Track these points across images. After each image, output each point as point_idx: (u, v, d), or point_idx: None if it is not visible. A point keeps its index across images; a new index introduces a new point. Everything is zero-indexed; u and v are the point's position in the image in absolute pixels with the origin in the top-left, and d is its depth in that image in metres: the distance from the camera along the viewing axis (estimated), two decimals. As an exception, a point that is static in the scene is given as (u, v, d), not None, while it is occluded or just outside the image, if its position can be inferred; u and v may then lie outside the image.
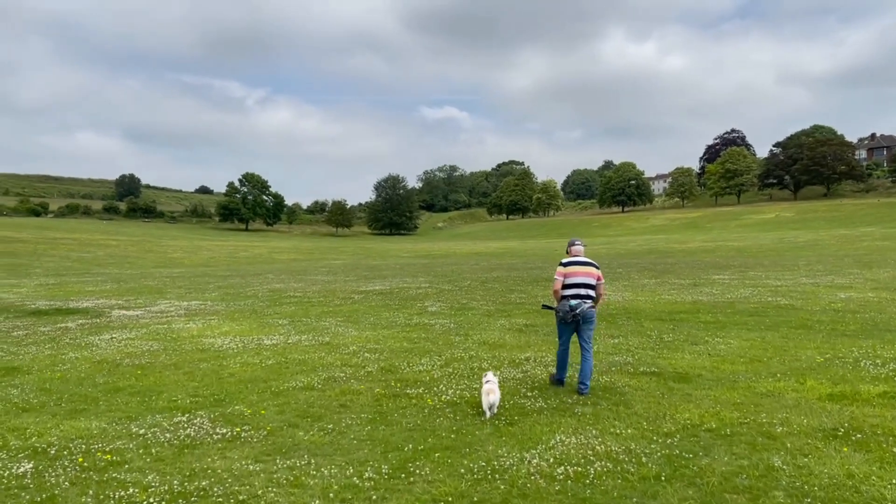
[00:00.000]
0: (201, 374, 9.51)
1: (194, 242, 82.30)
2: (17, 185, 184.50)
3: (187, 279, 31.84)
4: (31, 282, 30.31)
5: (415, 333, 13.16)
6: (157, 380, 9.12)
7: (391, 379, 8.95)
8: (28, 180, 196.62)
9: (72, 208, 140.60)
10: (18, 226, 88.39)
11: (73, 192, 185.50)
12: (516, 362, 9.97)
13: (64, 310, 18.19)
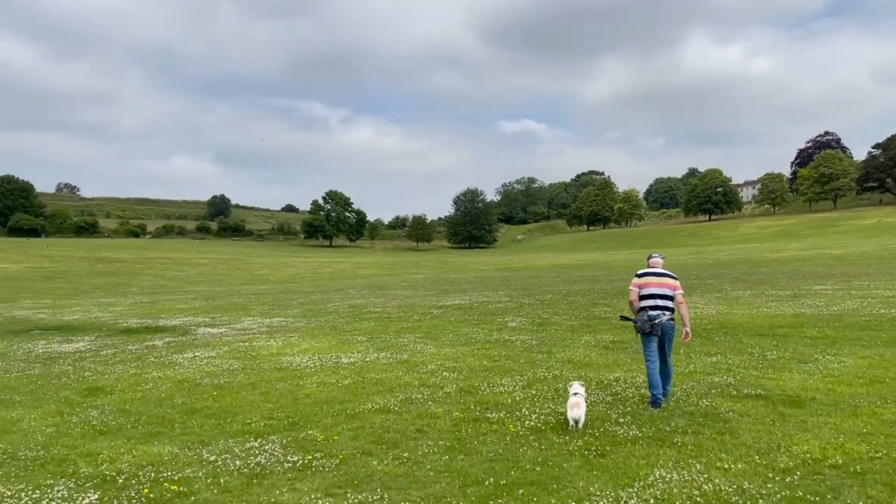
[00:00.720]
0: (277, 394, 9.31)
1: (280, 259, 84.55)
2: (118, 208, 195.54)
3: (272, 296, 32.43)
4: (126, 300, 31.56)
5: (495, 351, 12.65)
6: (234, 400, 8.97)
7: (470, 401, 8.47)
8: (128, 203, 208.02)
9: (167, 229, 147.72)
10: (119, 247, 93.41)
11: (169, 213, 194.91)
12: (605, 383, 9.29)
13: (153, 328, 18.65)
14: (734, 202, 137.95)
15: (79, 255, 71.49)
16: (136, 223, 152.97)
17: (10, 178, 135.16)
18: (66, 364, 12.54)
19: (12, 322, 21.14)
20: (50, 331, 18.52)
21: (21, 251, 73.87)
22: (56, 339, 16.55)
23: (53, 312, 24.73)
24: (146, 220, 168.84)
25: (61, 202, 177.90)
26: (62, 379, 10.96)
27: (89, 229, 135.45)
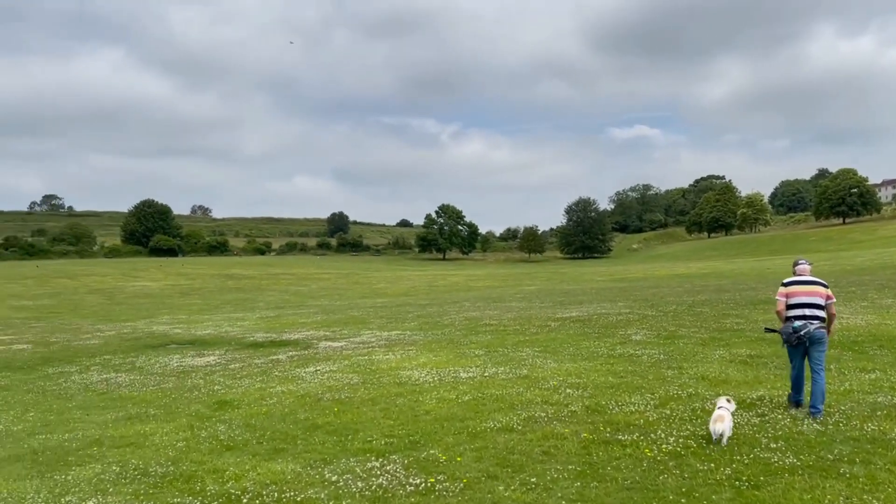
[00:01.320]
0: (397, 410, 9.15)
1: (396, 273, 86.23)
2: (245, 227, 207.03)
3: (389, 309, 32.89)
4: (253, 315, 32.99)
5: (620, 366, 11.97)
6: (355, 417, 8.88)
7: (598, 421, 7.93)
8: (254, 222, 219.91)
9: (290, 246, 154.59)
10: (246, 264, 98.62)
11: (292, 231, 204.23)
12: (748, 403, 8.47)
13: (277, 342, 19.22)
14: (871, 203, 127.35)
15: (211, 273, 76.01)
16: (262, 241, 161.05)
17: (150, 203, 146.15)
18: (198, 378, 13.03)
19: (151, 337, 22.48)
20: (184, 345, 19.50)
21: (160, 270, 79.47)
22: (189, 353, 17.36)
23: (188, 327, 26.14)
24: (271, 237, 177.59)
25: (196, 223, 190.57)
26: (194, 392, 11.35)
27: (220, 248, 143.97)
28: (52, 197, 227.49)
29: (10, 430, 8.82)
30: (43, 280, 63.51)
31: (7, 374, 15.02)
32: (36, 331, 25.83)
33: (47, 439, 8.18)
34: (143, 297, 51.00)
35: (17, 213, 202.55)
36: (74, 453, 7.49)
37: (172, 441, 7.92)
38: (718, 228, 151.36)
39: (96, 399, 11.22)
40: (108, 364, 15.84)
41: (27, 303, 44.10)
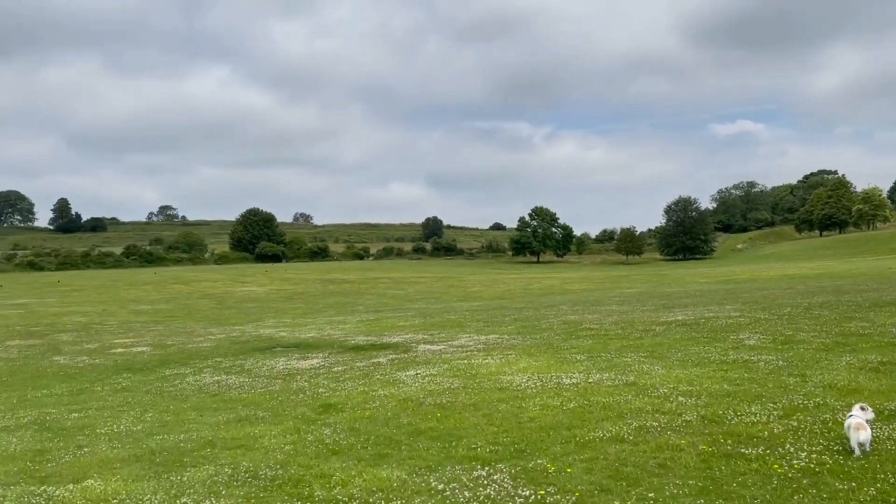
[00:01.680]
0: (500, 416, 8.94)
1: (491, 276, 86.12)
2: (344, 233, 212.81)
3: (485, 312, 32.75)
4: (353, 318, 33.66)
5: (734, 373, 11.28)
6: (457, 422, 8.75)
7: (717, 432, 7.43)
8: (353, 228, 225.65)
9: (387, 251, 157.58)
10: (346, 268, 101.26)
11: (389, 236, 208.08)
12: (885, 414, 7.72)
13: (378, 345, 19.43)
14: None
15: (313, 278, 78.48)
16: (360, 246, 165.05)
17: (256, 211, 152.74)
18: (303, 380, 13.30)
19: (258, 340, 23.29)
20: (289, 348, 20.05)
21: (266, 275, 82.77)
22: (294, 356, 17.81)
23: (292, 330, 26.94)
24: (369, 243, 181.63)
25: (298, 230, 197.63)
26: (299, 395, 11.56)
27: (321, 254, 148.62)
28: (167, 207, 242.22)
29: (130, 430, 9.24)
30: (160, 286, 67.45)
31: (128, 375, 15.88)
32: (154, 334, 27.31)
33: (164, 440, 8.50)
34: (251, 301, 53.17)
35: (137, 224, 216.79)
36: (189, 454, 7.73)
37: (280, 444, 8.04)
38: (831, 226, 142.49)
39: (209, 400, 11.63)
40: (219, 366, 16.47)
41: (146, 307, 46.86)
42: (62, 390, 13.80)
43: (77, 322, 34.64)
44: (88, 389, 13.73)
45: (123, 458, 7.61)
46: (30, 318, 37.10)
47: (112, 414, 10.61)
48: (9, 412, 11.29)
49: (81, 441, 8.64)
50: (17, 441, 8.83)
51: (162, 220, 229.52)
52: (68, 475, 7.05)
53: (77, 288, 66.13)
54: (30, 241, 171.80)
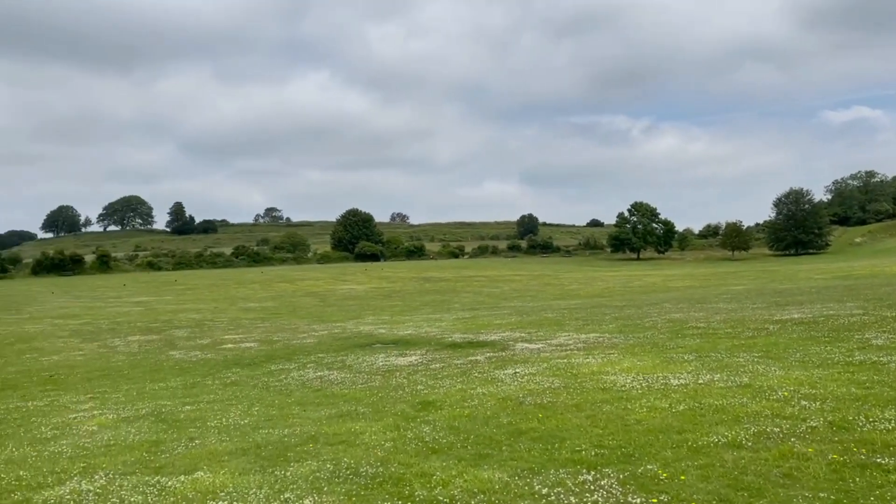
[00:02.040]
0: (605, 418, 8.58)
1: (588, 274, 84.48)
2: (440, 232, 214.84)
3: (584, 310, 32.04)
4: (450, 316, 33.77)
5: (863, 375, 10.38)
6: (559, 423, 8.46)
7: (848, 440, 6.80)
8: (448, 227, 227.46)
9: (482, 249, 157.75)
10: (441, 267, 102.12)
11: (483, 234, 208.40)
12: None
13: (475, 342, 19.32)
14: None
15: (409, 276, 79.61)
16: (455, 245, 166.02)
17: (355, 212, 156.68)
18: (402, 377, 13.34)
19: (358, 336, 23.71)
20: (388, 345, 20.27)
21: (365, 274, 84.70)
22: (393, 352, 17.97)
23: (390, 327, 27.29)
24: (464, 241, 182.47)
25: (395, 230, 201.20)
26: (398, 392, 11.59)
27: (417, 252, 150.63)
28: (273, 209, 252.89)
29: (238, 423, 9.51)
30: (266, 284, 70.31)
31: (237, 370, 16.49)
32: (261, 330, 28.36)
33: (269, 434, 8.67)
34: (351, 299, 54.48)
35: (245, 225, 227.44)
36: (293, 449, 7.84)
37: (381, 441, 8.02)
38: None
39: (312, 395, 11.85)
40: (321, 362, 16.83)
41: (253, 305, 48.89)
42: (177, 383, 14.47)
43: (191, 319, 36.53)
44: (200, 383, 14.33)
45: (231, 451, 7.80)
46: (149, 315, 39.46)
47: (221, 407, 10.98)
48: (129, 403, 11.92)
49: (193, 433, 8.96)
50: (136, 432, 9.28)
51: (268, 222, 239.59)
52: (180, 466, 7.29)
53: (191, 287, 69.94)
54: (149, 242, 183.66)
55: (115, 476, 6.95)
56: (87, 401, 12.52)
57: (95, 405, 11.92)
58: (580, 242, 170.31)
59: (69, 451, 8.26)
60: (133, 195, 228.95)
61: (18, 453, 8.34)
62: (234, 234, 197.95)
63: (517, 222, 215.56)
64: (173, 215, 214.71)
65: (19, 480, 7.00)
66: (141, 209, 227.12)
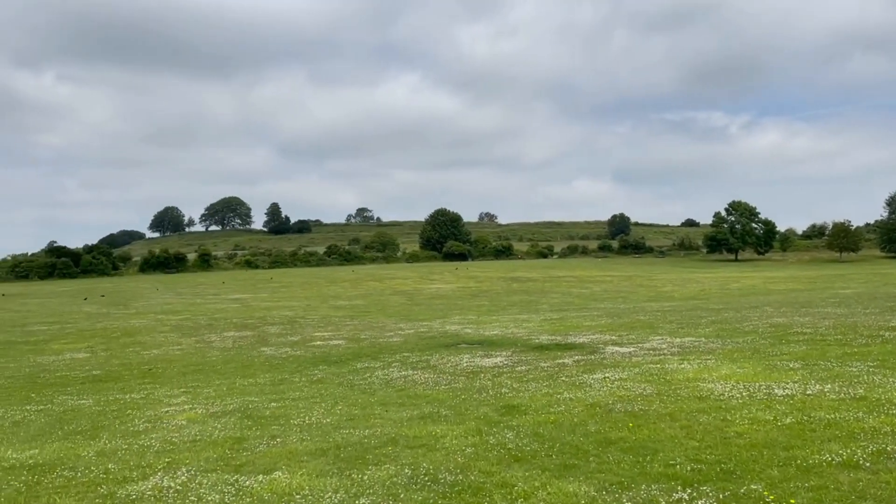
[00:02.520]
0: (701, 429, 7.99)
1: (683, 275, 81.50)
2: (528, 231, 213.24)
3: (678, 313, 30.76)
4: (537, 317, 33.21)
5: None
6: (651, 433, 7.94)
7: None
8: (537, 227, 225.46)
9: (571, 249, 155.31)
10: (529, 267, 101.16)
11: (573, 234, 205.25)
12: None
13: (562, 345, 18.80)
14: None
15: (497, 276, 79.21)
16: (544, 245, 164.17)
17: (443, 211, 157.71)
18: (486, 379, 13.05)
19: (444, 336, 23.60)
20: (473, 345, 20.04)
21: (453, 273, 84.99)
22: (478, 353, 17.71)
23: (477, 328, 27.07)
24: (553, 241, 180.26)
25: (483, 229, 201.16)
26: (482, 394, 11.30)
27: (505, 252, 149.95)
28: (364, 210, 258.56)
29: (320, 422, 9.48)
30: (356, 283, 71.68)
31: (324, 367, 16.67)
32: (349, 328, 28.77)
33: (350, 434, 8.58)
34: (438, 298, 54.68)
35: (338, 225, 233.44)
36: (372, 451, 7.69)
37: (461, 446, 7.75)
38: None
39: (395, 395, 11.74)
40: (406, 361, 16.78)
41: (343, 303, 49.88)
42: (265, 380, 14.75)
43: (284, 316, 37.58)
44: (288, 380, 14.54)
45: (311, 452, 7.74)
46: (245, 312, 40.90)
47: (306, 405, 11.03)
48: (218, 399, 12.19)
49: (276, 431, 8.99)
50: (221, 427, 9.41)
51: (359, 222, 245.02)
52: (260, 465, 7.28)
53: (285, 284, 72.19)
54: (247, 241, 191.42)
55: (196, 473, 7.01)
56: (180, 395, 12.92)
57: (187, 399, 12.26)
58: (674, 243, 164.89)
59: (157, 445, 8.46)
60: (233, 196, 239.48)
61: (111, 445, 8.61)
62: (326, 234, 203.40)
63: (608, 222, 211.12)
64: (270, 215, 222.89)
65: (107, 474, 7.18)
66: (240, 210, 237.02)
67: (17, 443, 9.09)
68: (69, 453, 8.21)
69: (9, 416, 11.33)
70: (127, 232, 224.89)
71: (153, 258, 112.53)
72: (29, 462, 7.84)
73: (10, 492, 6.65)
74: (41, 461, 7.84)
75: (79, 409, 11.65)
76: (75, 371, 18.11)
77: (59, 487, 6.70)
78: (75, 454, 8.16)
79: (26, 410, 11.78)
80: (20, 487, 6.78)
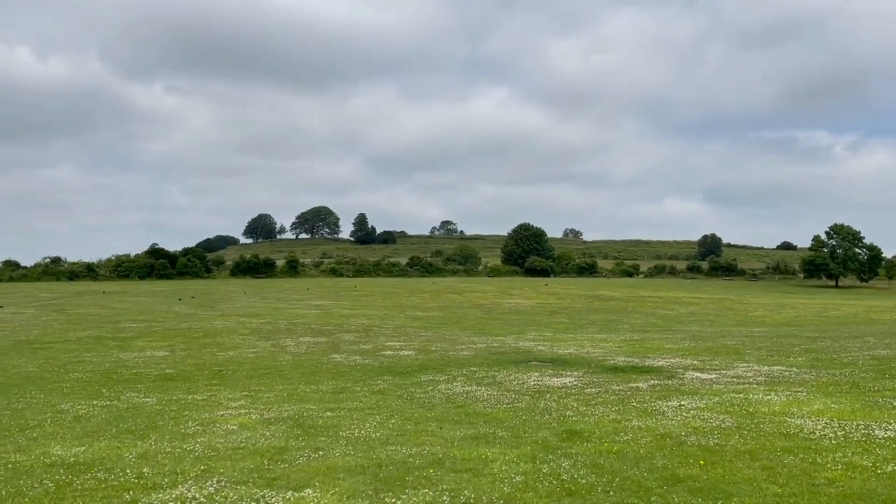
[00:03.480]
0: (785, 472, 7.09)
1: (777, 300, 77.25)
2: (613, 249, 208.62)
3: (769, 340, 28.85)
4: (616, 337, 31.95)
5: None
6: (726, 472, 7.10)
7: None
8: (622, 245, 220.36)
9: (658, 268, 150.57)
10: (613, 285, 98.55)
11: (661, 253, 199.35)
12: None
13: (639, 367, 17.79)
14: None
15: (579, 293, 77.46)
16: (629, 263, 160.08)
17: (526, 226, 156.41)
18: (552, 400, 12.36)
19: (516, 352, 22.92)
20: (545, 363, 19.29)
21: (533, 289, 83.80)
22: (548, 372, 16.97)
23: (551, 345, 26.22)
24: (639, 260, 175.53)
25: (567, 245, 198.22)
26: (544, 416, 10.64)
27: (589, 269, 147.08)
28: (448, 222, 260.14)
29: (369, 436, 9.08)
30: (435, 294, 71.69)
31: (388, 377, 16.35)
32: (422, 339, 28.50)
33: (395, 451, 8.12)
34: (516, 313, 53.81)
35: (422, 237, 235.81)
36: (414, 472, 7.21)
37: (511, 473, 7.15)
38: None
39: (453, 412, 11.23)
40: (472, 376, 16.25)
41: (421, 314, 49.81)
42: (328, 387, 14.54)
43: (361, 324, 37.78)
44: (349, 389, 14.28)
45: (350, 468, 7.32)
46: (324, 318, 41.41)
47: (360, 416, 10.68)
48: (276, 405, 12.02)
49: (322, 442, 8.65)
50: (270, 435, 9.16)
51: (443, 234, 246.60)
52: (294, 480, 6.92)
53: (366, 293, 73.06)
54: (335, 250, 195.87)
55: (226, 484, 6.74)
56: (240, 398, 12.86)
57: (246, 403, 12.16)
58: (768, 266, 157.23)
59: (199, 451, 8.26)
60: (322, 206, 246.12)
61: (154, 448, 8.50)
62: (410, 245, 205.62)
63: (698, 242, 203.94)
64: (357, 225, 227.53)
65: (139, 478, 7.01)
66: (329, 219, 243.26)
67: (70, 438, 9.14)
68: (112, 453, 8.14)
69: (73, 410, 11.54)
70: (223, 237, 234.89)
71: (244, 263, 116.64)
72: (70, 460, 7.80)
73: (39, 492, 6.57)
74: (83, 460, 7.79)
75: (140, 407, 11.74)
76: (150, 368, 18.54)
77: (87, 490, 6.57)
78: (118, 454, 8.07)
79: (92, 405, 11.98)
80: (50, 487, 6.70)
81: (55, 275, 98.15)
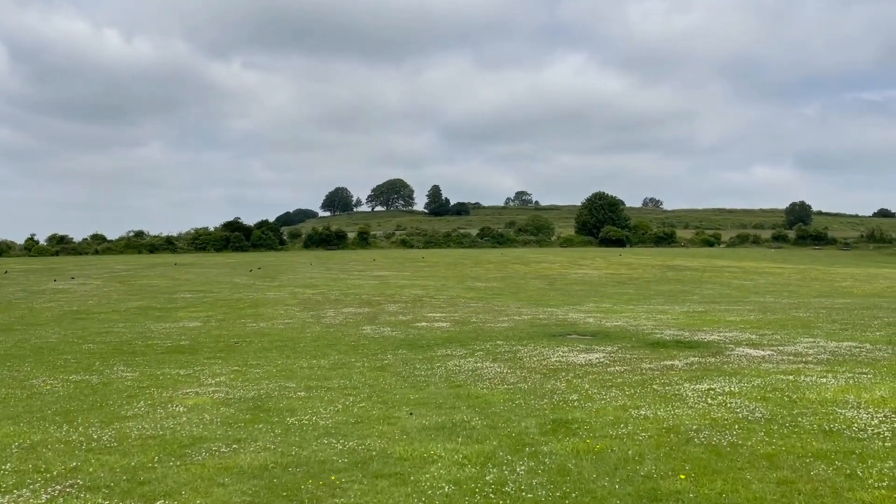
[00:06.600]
0: (808, 490, 5.40)
1: (869, 270, 71.68)
2: (694, 218, 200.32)
3: (848, 311, 26.01)
4: (679, 308, 29.70)
5: None
6: (727, 487, 5.47)
7: None
8: (704, 214, 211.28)
9: (741, 238, 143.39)
10: (691, 255, 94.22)
11: (745, 222, 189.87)
12: None
13: (684, 342, 15.90)
14: None
15: (653, 263, 74.19)
16: (710, 233, 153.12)
17: (601, 195, 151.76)
18: (563, 380, 10.82)
19: (558, 325, 21.28)
20: (584, 336, 17.65)
21: (605, 259, 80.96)
22: (580, 346, 15.34)
23: (603, 317, 24.41)
24: (721, 229, 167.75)
25: (645, 215, 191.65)
26: (542, 400, 9.15)
27: (667, 239, 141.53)
28: (522, 193, 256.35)
29: (316, 424, 7.82)
30: (501, 265, 70.12)
31: (403, 351, 15.16)
32: (468, 310, 27.21)
33: (326, 446, 6.83)
34: (581, 283, 51.69)
35: (495, 208, 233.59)
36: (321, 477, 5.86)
37: (443, 482, 5.73)
38: None
39: (443, 393, 9.89)
40: (493, 350, 14.85)
41: (480, 284, 48.46)
42: (328, 362, 13.45)
43: (413, 294, 36.83)
44: (350, 364, 13.15)
45: (246, 471, 6.07)
46: (379, 289, 40.68)
47: (332, 398, 9.50)
48: (255, 381, 10.99)
49: (252, 432, 7.46)
50: (208, 421, 8.05)
51: (517, 205, 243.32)
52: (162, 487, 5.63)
53: (432, 264, 72.24)
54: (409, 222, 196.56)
55: (74, 489, 5.60)
56: (227, 373, 11.92)
57: (226, 380, 11.18)
58: (862, 234, 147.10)
59: (104, 440, 7.23)
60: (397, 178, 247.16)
61: (60, 436, 7.48)
62: (483, 217, 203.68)
63: (786, 210, 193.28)
64: (431, 198, 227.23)
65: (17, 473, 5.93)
66: (403, 192, 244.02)
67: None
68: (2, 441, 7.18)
69: (37, 386, 10.79)
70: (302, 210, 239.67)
71: (316, 235, 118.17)
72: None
73: None
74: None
75: (110, 384, 10.90)
76: (168, 340, 18.00)
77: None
78: (6, 443, 7.11)
79: (65, 381, 11.23)
80: None
81: (137, 248, 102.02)
